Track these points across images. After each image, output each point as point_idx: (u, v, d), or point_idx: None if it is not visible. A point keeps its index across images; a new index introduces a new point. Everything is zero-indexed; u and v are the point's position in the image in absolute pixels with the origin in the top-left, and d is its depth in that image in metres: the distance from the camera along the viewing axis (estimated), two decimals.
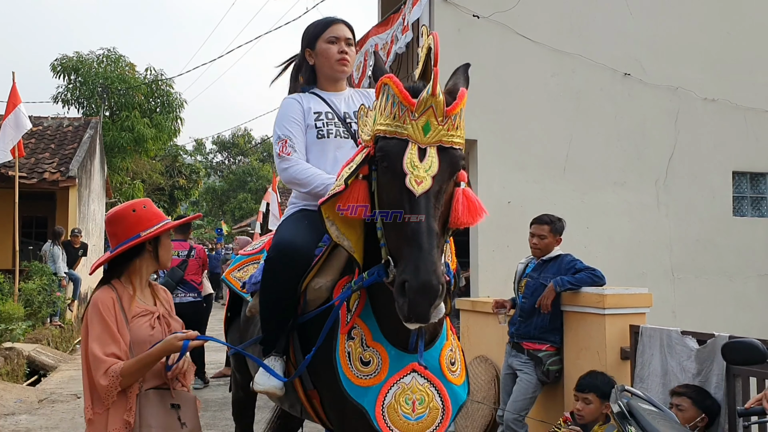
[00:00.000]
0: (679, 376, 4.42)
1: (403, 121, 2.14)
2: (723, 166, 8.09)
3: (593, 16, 7.59)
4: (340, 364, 2.51)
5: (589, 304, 4.95)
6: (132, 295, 2.64)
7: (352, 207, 2.31)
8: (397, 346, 2.50)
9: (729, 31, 8.16)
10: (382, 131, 2.20)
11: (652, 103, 7.75)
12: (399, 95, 2.15)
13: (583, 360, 5.03)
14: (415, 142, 2.13)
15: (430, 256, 2.00)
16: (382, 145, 2.19)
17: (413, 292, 1.97)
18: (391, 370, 2.47)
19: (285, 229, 2.94)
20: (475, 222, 2.24)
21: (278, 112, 3.13)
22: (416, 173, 2.10)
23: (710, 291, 7.83)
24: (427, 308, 1.99)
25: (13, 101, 11.20)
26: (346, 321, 2.57)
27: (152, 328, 2.61)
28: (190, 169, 31.96)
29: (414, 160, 2.11)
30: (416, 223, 2.06)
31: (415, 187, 2.08)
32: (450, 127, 2.16)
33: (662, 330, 4.61)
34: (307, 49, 3.18)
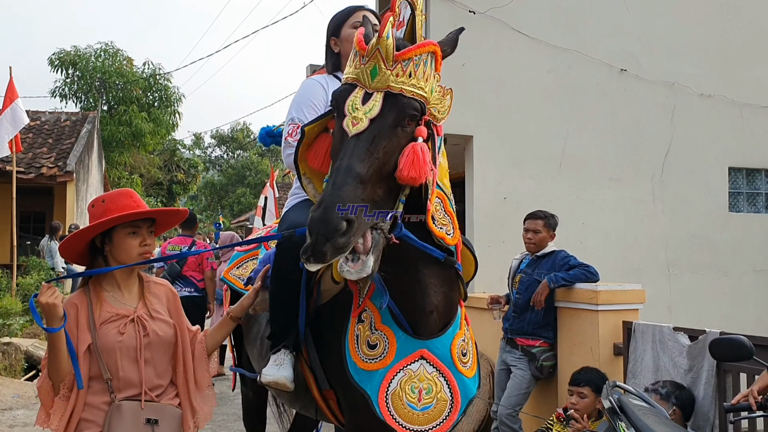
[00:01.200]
0: (671, 372, 4.45)
1: (354, 66, 2.12)
2: (719, 161, 8.10)
3: (589, 12, 7.59)
4: (348, 347, 2.42)
5: (583, 300, 4.97)
6: (101, 299, 2.45)
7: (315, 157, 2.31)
8: (406, 329, 2.39)
9: (725, 26, 8.16)
10: (343, 79, 2.19)
11: (648, 98, 7.75)
12: (356, 44, 2.13)
13: (576, 356, 5.06)
14: (362, 87, 2.09)
15: (338, 191, 1.88)
16: (335, 91, 2.18)
17: (310, 223, 1.86)
18: (398, 355, 2.36)
19: (294, 215, 2.85)
20: (420, 178, 2.08)
21: (297, 92, 3.03)
22: (354, 114, 2.04)
23: (706, 286, 7.85)
24: (322, 243, 1.84)
25: (11, 96, 11.18)
26: (358, 303, 2.48)
27: (120, 333, 2.40)
28: (189, 163, 31.97)
29: (356, 103, 2.06)
30: (338, 166, 1.97)
31: (350, 128, 2.02)
32: (400, 73, 2.08)
33: (654, 326, 4.64)
34: (333, 38, 3.09)
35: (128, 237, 2.45)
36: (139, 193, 7.56)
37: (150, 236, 2.51)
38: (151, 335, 2.45)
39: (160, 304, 2.58)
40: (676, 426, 3.72)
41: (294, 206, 2.98)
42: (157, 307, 2.55)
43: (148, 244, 2.49)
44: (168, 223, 2.69)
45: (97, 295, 2.45)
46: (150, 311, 2.50)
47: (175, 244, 8.01)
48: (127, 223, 2.45)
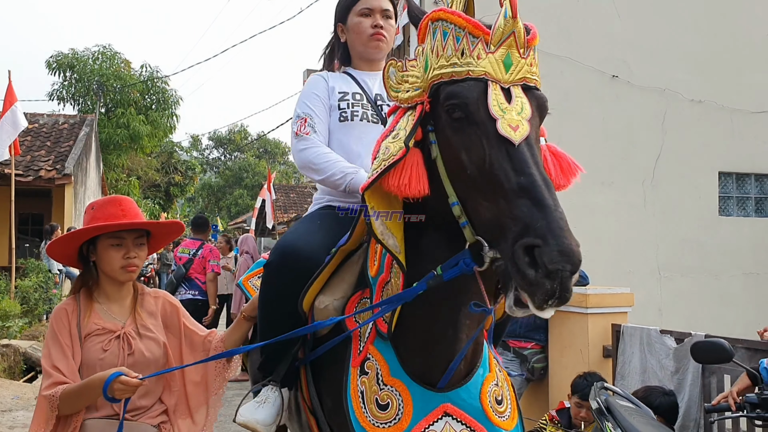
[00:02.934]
0: (658, 374, 4.57)
1: (477, 56, 1.68)
2: (709, 166, 8.24)
3: (581, 20, 7.73)
4: (352, 407, 1.99)
5: (573, 304, 5.05)
6: (89, 309, 2.30)
7: (410, 178, 1.77)
8: (422, 382, 1.96)
9: (715, 34, 8.31)
10: (444, 75, 1.72)
11: (639, 104, 7.89)
12: (466, 25, 1.70)
13: (566, 358, 5.18)
14: (495, 81, 1.67)
15: (559, 213, 1.52)
16: (450, 91, 1.70)
17: (550, 258, 1.45)
18: (417, 415, 1.92)
19: (292, 231, 2.54)
20: (569, 183, 1.84)
21: (302, 90, 2.76)
22: (508, 117, 1.63)
23: (696, 289, 7.98)
24: (569, 279, 1.48)
25: (10, 99, 11.28)
26: (359, 349, 2.06)
27: (104, 350, 2.23)
28: (186, 165, 32.02)
29: (502, 102, 1.65)
30: (528, 176, 1.57)
31: (512, 134, 1.61)
32: (533, 63, 1.72)
33: (642, 329, 4.76)
34: (339, 24, 2.75)
35: (111, 248, 2.29)
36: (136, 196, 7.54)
37: (138, 248, 2.32)
38: (137, 354, 2.28)
39: (154, 319, 2.40)
40: (662, 426, 3.82)
41: (304, 217, 2.67)
42: (149, 324, 2.37)
43: (133, 257, 2.30)
44: (166, 236, 2.53)
45: (88, 304, 2.31)
46: (139, 327, 2.33)
47: (185, 247, 8.14)
48: (110, 234, 2.29)
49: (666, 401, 4.10)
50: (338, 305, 2.18)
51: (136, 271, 2.33)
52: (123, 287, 2.36)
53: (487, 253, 1.62)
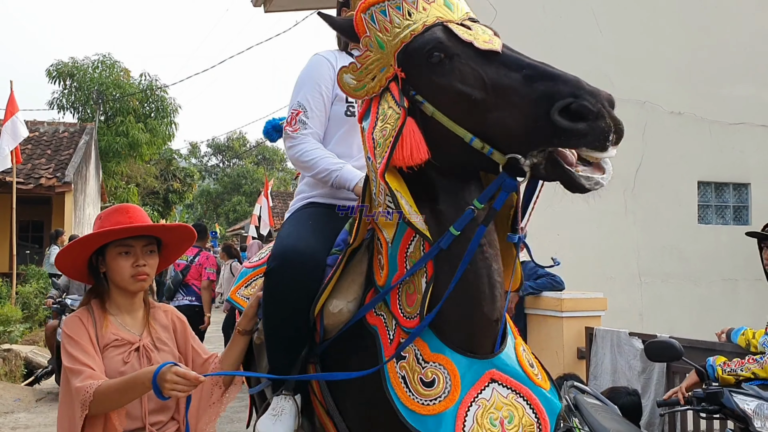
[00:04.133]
0: (626, 374, 4.83)
1: (423, 9, 1.83)
2: (689, 176, 8.49)
3: (564, 34, 7.98)
4: (396, 394, 1.91)
5: (549, 308, 5.37)
6: (104, 320, 2.22)
7: (412, 148, 1.79)
8: (466, 351, 1.93)
9: (695, 47, 8.57)
10: (403, 39, 1.83)
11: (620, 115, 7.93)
12: None
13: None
14: (450, 21, 1.83)
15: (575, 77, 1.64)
16: (419, 43, 1.80)
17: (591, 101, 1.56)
18: (465, 385, 1.89)
19: (287, 233, 2.41)
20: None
21: (302, 71, 2.61)
22: (479, 37, 1.77)
23: (676, 295, 8.22)
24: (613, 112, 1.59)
25: (11, 110, 11.54)
26: (389, 339, 1.99)
27: (125, 362, 2.16)
28: (185, 172, 32.28)
29: (466, 30, 1.79)
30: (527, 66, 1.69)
31: (492, 45, 1.74)
32: (465, 4, 1.93)
33: (613, 331, 5.03)
34: (344, 8, 2.67)
35: (119, 257, 2.21)
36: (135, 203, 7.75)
37: (148, 256, 2.24)
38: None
39: (167, 333, 2.34)
40: (626, 422, 4.07)
41: (291, 217, 2.57)
42: (163, 337, 2.31)
43: (143, 265, 2.22)
44: (178, 244, 2.42)
45: (102, 315, 2.23)
46: (155, 341, 2.27)
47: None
48: (118, 242, 2.21)
49: (630, 401, 4.35)
50: (352, 308, 2.13)
51: (147, 279, 2.24)
52: (135, 299, 2.30)
53: (525, 163, 1.67)
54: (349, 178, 2.39)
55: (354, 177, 2.38)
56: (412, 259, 1.95)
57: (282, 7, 11.06)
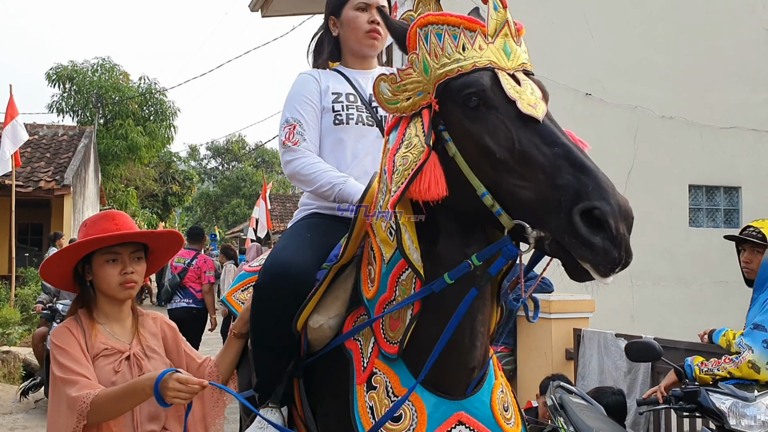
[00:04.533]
0: (613, 374, 4.92)
1: (479, 48, 1.73)
2: (680, 179, 8.61)
3: (557, 40, 8.11)
4: (361, 423, 1.91)
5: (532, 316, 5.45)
6: (93, 329, 2.17)
7: (430, 182, 1.74)
8: (437, 390, 1.91)
9: (686, 52, 8.69)
10: (448, 72, 1.74)
11: (612, 120, 8.27)
12: (460, 22, 1.76)
13: (533, 360, 5.54)
14: (501, 69, 1.72)
15: (603, 174, 1.56)
16: (463, 82, 1.72)
17: (614, 217, 1.48)
18: (431, 425, 1.88)
19: (282, 245, 2.38)
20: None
21: (290, 90, 2.59)
22: (525, 97, 1.67)
23: (668, 297, 8.32)
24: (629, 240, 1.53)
25: (11, 113, 11.65)
26: (362, 366, 1.99)
27: (115, 372, 2.12)
28: (184, 175, 32.40)
29: (514, 85, 1.69)
30: (562, 146, 1.60)
31: (534, 111, 1.64)
32: (526, 50, 1.82)
33: (600, 333, 5.12)
34: (332, 17, 2.62)
35: (106, 264, 2.17)
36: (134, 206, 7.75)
37: (135, 263, 2.21)
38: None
39: (156, 341, 2.30)
40: (610, 421, 4.16)
41: (291, 228, 2.55)
42: (153, 345, 2.27)
43: (130, 272, 2.19)
44: (165, 249, 2.39)
45: (90, 324, 2.18)
46: (145, 349, 2.23)
47: (180, 256, 8.45)
48: (105, 249, 2.17)
49: (614, 400, 4.44)
50: (333, 324, 2.11)
51: (135, 287, 2.21)
52: (123, 308, 2.26)
53: (531, 234, 1.60)
54: (352, 193, 2.30)
55: (357, 192, 2.27)
56: (402, 287, 1.93)
57: (278, 12, 11.20)
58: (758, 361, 3.23)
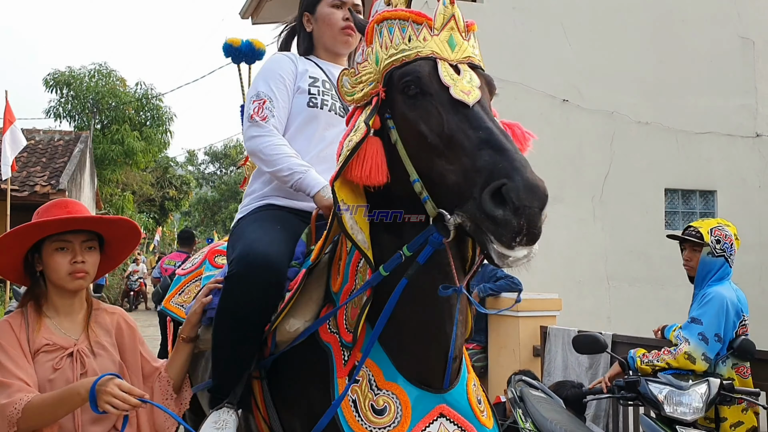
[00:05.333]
0: (576, 369, 5.14)
1: (423, 39, 1.80)
2: (656, 183, 8.82)
3: (534, 48, 8.33)
4: (344, 416, 1.90)
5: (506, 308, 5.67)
6: (38, 323, 2.06)
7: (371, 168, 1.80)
8: (419, 383, 1.93)
9: (661, 59, 8.91)
10: (395, 61, 1.82)
11: (588, 126, 8.49)
12: (409, 16, 1.83)
13: (503, 357, 5.75)
14: (443, 59, 1.78)
15: (521, 155, 1.58)
16: (403, 71, 1.79)
17: (517, 192, 1.49)
18: (415, 417, 1.89)
19: (254, 236, 2.26)
20: (525, 150, 1.89)
21: (264, 65, 2.58)
22: (460, 85, 1.73)
23: (643, 298, 8.52)
24: (538, 212, 1.51)
25: (9, 119, 11.85)
26: (344, 359, 1.98)
27: (54, 369, 2.00)
28: (181, 180, 32.62)
29: (452, 74, 1.76)
30: (485, 130, 1.64)
31: (466, 97, 1.70)
32: (474, 45, 1.86)
33: (564, 330, 5.33)
34: (306, 13, 2.65)
35: (55, 253, 2.07)
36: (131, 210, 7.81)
37: (87, 253, 2.10)
38: (89, 374, 2.02)
39: (109, 337, 2.16)
40: (566, 412, 4.37)
41: (252, 217, 2.45)
42: (103, 341, 2.14)
43: (80, 262, 2.08)
44: (122, 242, 2.26)
45: (36, 319, 2.07)
46: (92, 345, 2.10)
47: (171, 259, 8.68)
48: (54, 237, 2.06)
49: (573, 393, 4.65)
50: (310, 326, 2.09)
51: (85, 277, 2.10)
52: (75, 300, 2.14)
53: (450, 221, 1.63)
54: (312, 185, 2.28)
55: (316, 184, 2.27)
56: (360, 275, 1.98)
57: (268, 19, 11.43)
58: (694, 353, 3.46)
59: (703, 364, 3.44)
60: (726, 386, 3.39)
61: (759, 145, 9.31)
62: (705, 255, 3.71)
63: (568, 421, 4.04)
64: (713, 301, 3.58)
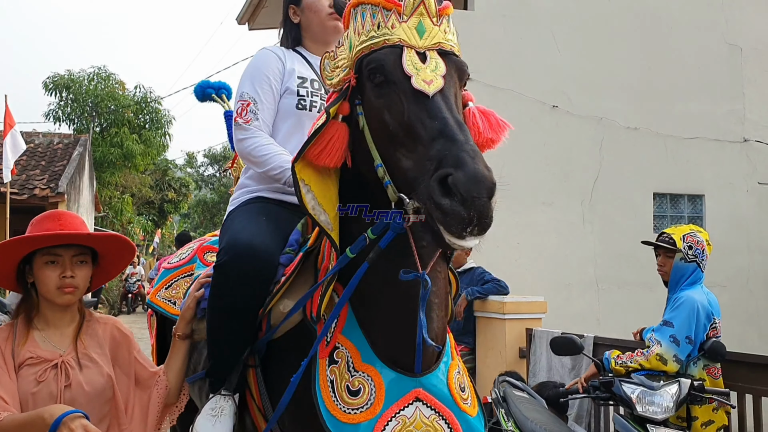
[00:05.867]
0: (559, 371, 5.28)
1: (391, 26, 1.81)
2: (644, 187, 8.95)
3: (524, 55, 8.47)
4: (321, 396, 1.95)
5: (494, 311, 5.83)
6: (28, 336, 2.05)
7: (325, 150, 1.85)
8: (396, 366, 1.95)
9: (650, 65, 9.05)
10: (365, 48, 1.83)
11: (578, 132, 8.62)
12: (380, 1, 1.83)
13: (490, 359, 5.90)
14: (410, 47, 1.79)
15: (471, 145, 1.59)
16: (371, 58, 1.81)
17: (463, 183, 1.51)
18: (389, 400, 1.92)
19: (240, 226, 2.33)
20: (499, 139, 1.93)
21: (250, 63, 2.57)
22: (423, 74, 1.74)
23: (632, 300, 8.64)
24: (487, 201, 1.52)
25: (9, 123, 12.00)
26: (327, 341, 2.01)
27: (38, 382, 1.98)
28: (180, 182, 32.74)
29: (416, 62, 1.76)
30: (441, 120, 1.66)
31: (426, 87, 1.72)
32: (447, 30, 1.85)
33: (548, 332, 5.47)
34: (292, 5, 2.67)
35: (45, 266, 2.06)
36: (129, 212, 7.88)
37: (77, 267, 2.09)
38: (74, 387, 2.02)
39: (99, 348, 2.15)
40: (548, 412, 4.51)
41: (241, 209, 2.50)
42: (93, 353, 2.12)
43: (69, 276, 2.06)
44: (116, 256, 2.25)
45: (24, 331, 2.06)
46: (80, 357, 2.08)
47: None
48: (45, 250, 2.05)
49: (555, 393, 4.80)
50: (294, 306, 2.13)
51: (74, 292, 2.08)
52: (66, 313, 2.13)
53: (408, 204, 1.68)
54: None
55: None
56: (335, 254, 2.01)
57: (264, 25, 11.58)
58: (665, 354, 3.60)
59: (674, 365, 3.59)
60: (696, 387, 3.53)
61: (746, 150, 9.45)
62: (678, 261, 3.85)
63: (548, 421, 4.18)
64: (684, 304, 3.72)
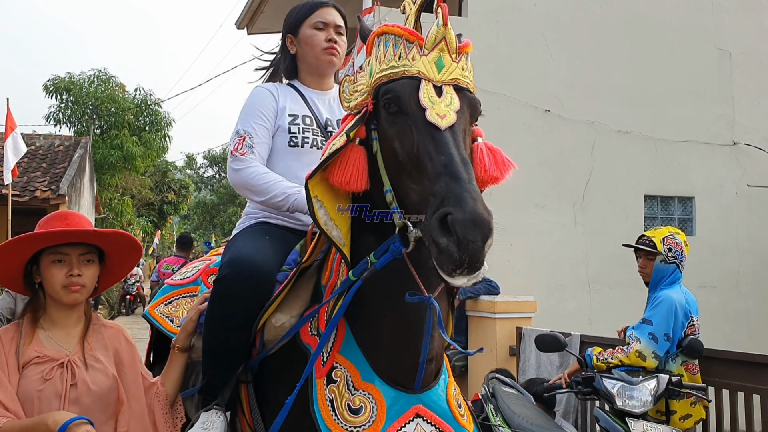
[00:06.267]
0: (548, 368, 5.44)
1: (411, 58, 1.85)
2: (635, 190, 9.11)
3: (517, 60, 8.63)
4: (321, 416, 1.96)
5: (485, 310, 5.99)
6: (33, 336, 2.05)
7: (351, 175, 1.89)
8: (395, 384, 1.98)
9: (641, 70, 9.22)
10: (384, 77, 1.88)
11: (570, 135, 8.78)
12: (403, 33, 1.87)
13: (481, 357, 6.05)
14: (428, 80, 1.83)
15: (473, 186, 1.63)
16: (388, 88, 1.85)
17: (461, 224, 1.54)
18: (390, 417, 1.94)
19: (242, 244, 2.38)
20: (503, 177, 1.95)
21: (245, 102, 2.63)
22: (437, 107, 1.78)
23: (623, 301, 8.76)
24: (481, 246, 1.55)
25: (10, 125, 12.14)
26: (323, 360, 2.03)
27: (44, 380, 1.99)
28: (180, 184, 32.89)
29: (432, 95, 1.80)
30: (447, 155, 1.70)
31: (439, 121, 1.76)
32: (465, 67, 1.90)
33: (537, 330, 5.62)
34: (289, 35, 2.70)
35: (52, 265, 2.07)
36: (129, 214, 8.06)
37: (84, 266, 2.10)
38: (80, 386, 2.03)
39: (104, 351, 2.15)
40: (535, 407, 4.66)
41: (244, 231, 2.55)
42: (99, 355, 2.12)
43: (76, 275, 2.07)
44: (122, 256, 2.25)
45: (30, 331, 2.06)
46: (86, 357, 2.09)
47: (169, 263, 8.95)
48: (52, 249, 2.06)
49: (542, 389, 4.95)
50: (295, 322, 2.16)
51: (80, 291, 2.09)
52: (72, 313, 2.13)
53: (411, 233, 1.72)
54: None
55: None
56: (343, 271, 2.04)
57: (263, 29, 11.76)
58: (644, 351, 3.76)
59: (653, 361, 3.75)
60: (674, 382, 3.70)
61: (736, 153, 9.62)
62: (658, 262, 4.01)
63: (535, 416, 4.34)
64: (663, 303, 3.88)
